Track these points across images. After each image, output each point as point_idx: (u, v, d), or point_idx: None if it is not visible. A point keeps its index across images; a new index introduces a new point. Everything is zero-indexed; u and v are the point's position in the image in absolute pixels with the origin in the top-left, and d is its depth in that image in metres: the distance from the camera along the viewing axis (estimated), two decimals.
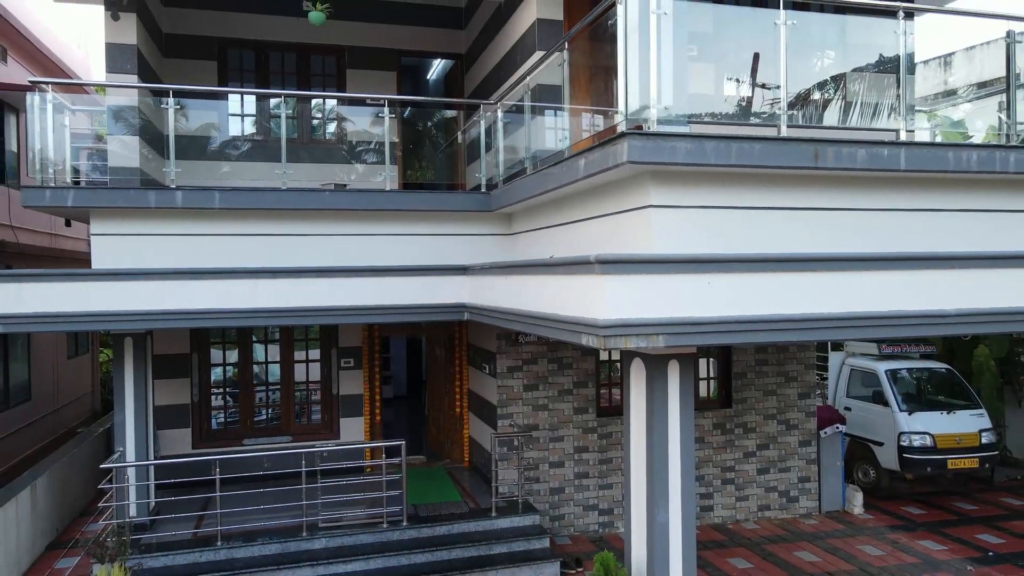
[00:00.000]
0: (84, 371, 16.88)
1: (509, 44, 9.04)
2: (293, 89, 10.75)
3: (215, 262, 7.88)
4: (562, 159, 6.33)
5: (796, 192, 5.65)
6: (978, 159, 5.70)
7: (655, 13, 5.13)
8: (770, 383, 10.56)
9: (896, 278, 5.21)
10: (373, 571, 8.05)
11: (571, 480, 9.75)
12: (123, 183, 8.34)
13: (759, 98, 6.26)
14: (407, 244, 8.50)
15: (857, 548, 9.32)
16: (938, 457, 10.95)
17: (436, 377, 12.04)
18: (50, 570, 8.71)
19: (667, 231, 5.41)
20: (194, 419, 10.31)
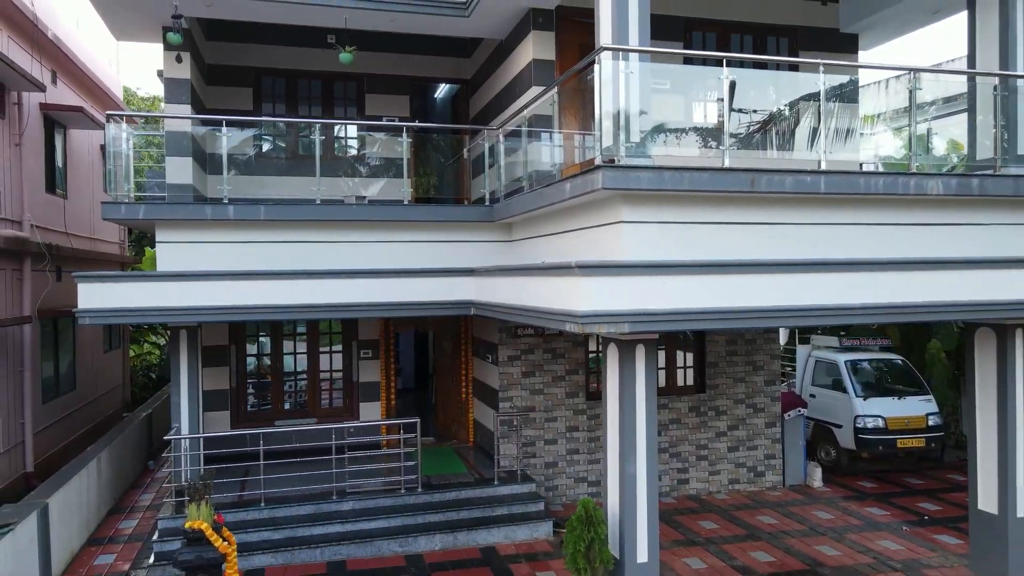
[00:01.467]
0: (116, 365, 18.29)
1: (509, 77, 10.47)
2: (318, 111, 12.18)
3: (259, 265, 9.26)
4: (553, 182, 7.76)
5: (738, 210, 7.06)
6: (883, 183, 7.13)
7: (624, 72, 6.56)
8: (739, 371, 11.97)
9: (811, 279, 6.63)
10: (393, 528, 9.47)
11: (563, 455, 11.15)
12: (179, 198, 9.78)
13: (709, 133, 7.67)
14: (422, 249, 9.90)
15: (811, 513, 10.74)
16: (889, 437, 12.37)
17: (443, 367, 13.46)
18: (114, 529, 10.14)
19: (635, 241, 6.82)
20: (232, 403, 11.74)
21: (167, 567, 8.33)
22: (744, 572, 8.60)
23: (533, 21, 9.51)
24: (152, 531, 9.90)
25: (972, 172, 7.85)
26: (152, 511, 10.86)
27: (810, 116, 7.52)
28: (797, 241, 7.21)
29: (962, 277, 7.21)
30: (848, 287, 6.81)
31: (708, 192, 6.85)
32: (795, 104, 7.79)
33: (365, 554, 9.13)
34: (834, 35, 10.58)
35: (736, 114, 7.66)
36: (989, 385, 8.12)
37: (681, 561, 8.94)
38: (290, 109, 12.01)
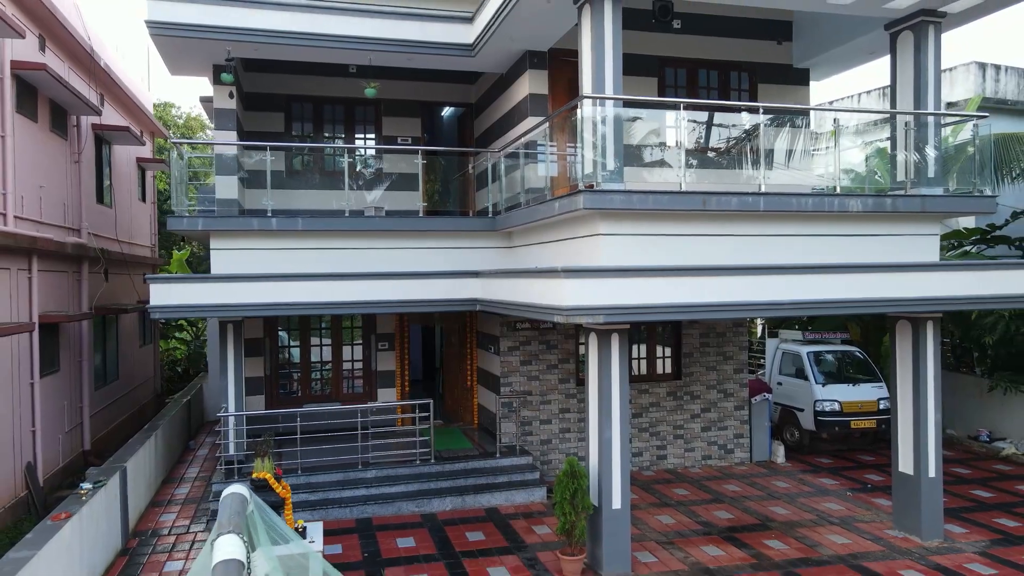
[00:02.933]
0: (149, 359, 19.97)
1: (509, 106, 12.13)
2: (341, 131, 13.84)
3: (295, 268, 10.89)
4: (545, 200, 9.43)
5: (694, 224, 8.72)
6: (812, 203, 8.80)
7: (600, 116, 8.22)
8: (711, 360, 13.62)
9: (751, 280, 8.29)
10: (410, 492, 11.13)
11: (556, 433, 12.80)
12: (226, 211, 11.44)
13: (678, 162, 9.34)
14: (434, 254, 11.55)
15: (771, 483, 12.40)
16: (844, 419, 14.03)
17: (451, 358, 15.13)
18: (170, 495, 11.81)
19: (611, 249, 8.48)
20: (267, 388, 13.40)
21: None
22: (705, 525, 10.27)
23: (529, 61, 11.17)
24: (204, 495, 11.60)
25: (889, 192, 9.52)
26: (199, 481, 12.54)
27: (758, 143, 9.19)
28: (743, 249, 8.87)
29: (880, 278, 8.87)
30: (784, 287, 8.46)
31: (668, 210, 8.52)
32: (741, 139, 9.46)
33: (387, 513, 10.79)
34: (788, 70, 12.25)
35: (696, 138, 9.34)
36: (907, 367, 9.79)
37: (654, 518, 10.59)
38: (316, 130, 13.66)
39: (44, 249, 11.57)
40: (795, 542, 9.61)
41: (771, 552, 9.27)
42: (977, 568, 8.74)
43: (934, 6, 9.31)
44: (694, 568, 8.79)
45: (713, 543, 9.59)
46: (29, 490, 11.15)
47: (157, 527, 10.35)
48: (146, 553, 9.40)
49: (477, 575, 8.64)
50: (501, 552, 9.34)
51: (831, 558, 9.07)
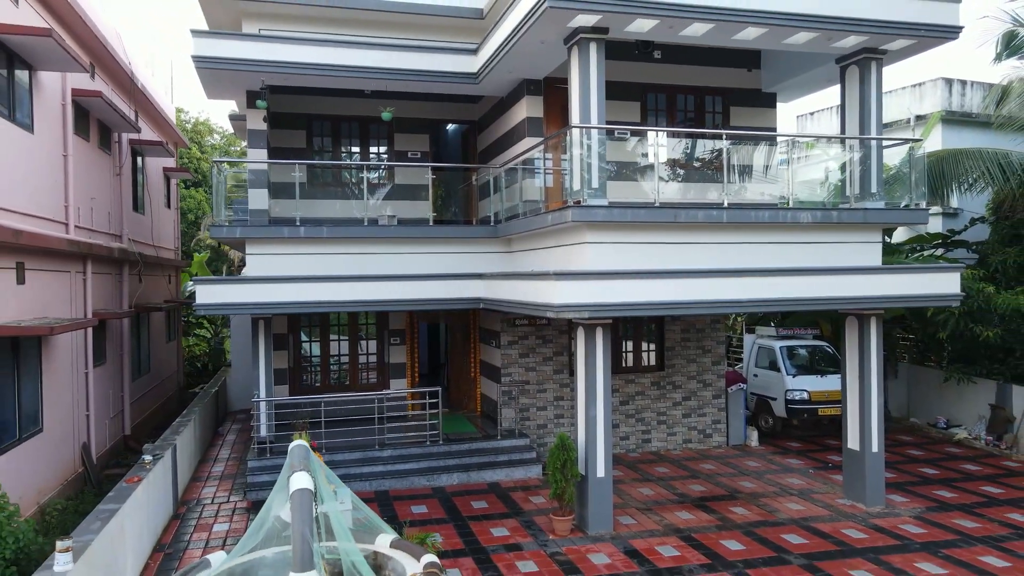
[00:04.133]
0: (173, 354, 21.45)
1: (508, 127, 13.60)
2: (357, 146, 15.29)
3: (320, 271, 12.34)
4: (539, 213, 10.91)
5: (667, 233, 10.17)
6: (768, 215, 10.28)
7: (586, 141, 9.70)
8: (691, 354, 15.08)
9: (716, 282, 9.76)
10: (422, 468, 12.60)
11: (551, 419, 14.26)
12: (257, 220, 12.91)
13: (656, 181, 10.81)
14: (442, 258, 13.01)
15: (743, 463, 13.87)
16: (812, 407, 15.50)
17: (456, 351, 16.60)
18: (208, 472, 13.28)
19: (596, 256, 9.93)
20: (290, 379, 14.87)
21: (257, 491, 11.48)
22: (681, 496, 11.74)
23: (526, 88, 12.63)
24: (237, 472, 13.08)
25: (836, 206, 11.01)
26: (232, 461, 14.01)
27: (724, 161, 10.66)
28: (710, 254, 10.34)
29: (828, 280, 10.35)
30: (744, 287, 9.94)
31: (645, 222, 10.00)
32: (711, 158, 10.93)
33: (401, 486, 12.26)
34: (757, 94, 13.71)
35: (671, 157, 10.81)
36: (854, 356, 11.26)
37: (637, 490, 12.06)
38: (335, 146, 15.12)
39: (96, 254, 13.04)
40: (757, 509, 11.08)
41: (734, 516, 10.75)
42: (908, 528, 10.22)
43: (874, 45, 10.77)
44: (667, 528, 10.26)
45: (686, 510, 11.07)
46: (85, 467, 12.62)
47: (200, 498, 11.82)
48: (194, 517, 10.88)
49: (482, 533, 10.12)
50: (502, 516, 10.82)
51: (785, 520, 10.55)
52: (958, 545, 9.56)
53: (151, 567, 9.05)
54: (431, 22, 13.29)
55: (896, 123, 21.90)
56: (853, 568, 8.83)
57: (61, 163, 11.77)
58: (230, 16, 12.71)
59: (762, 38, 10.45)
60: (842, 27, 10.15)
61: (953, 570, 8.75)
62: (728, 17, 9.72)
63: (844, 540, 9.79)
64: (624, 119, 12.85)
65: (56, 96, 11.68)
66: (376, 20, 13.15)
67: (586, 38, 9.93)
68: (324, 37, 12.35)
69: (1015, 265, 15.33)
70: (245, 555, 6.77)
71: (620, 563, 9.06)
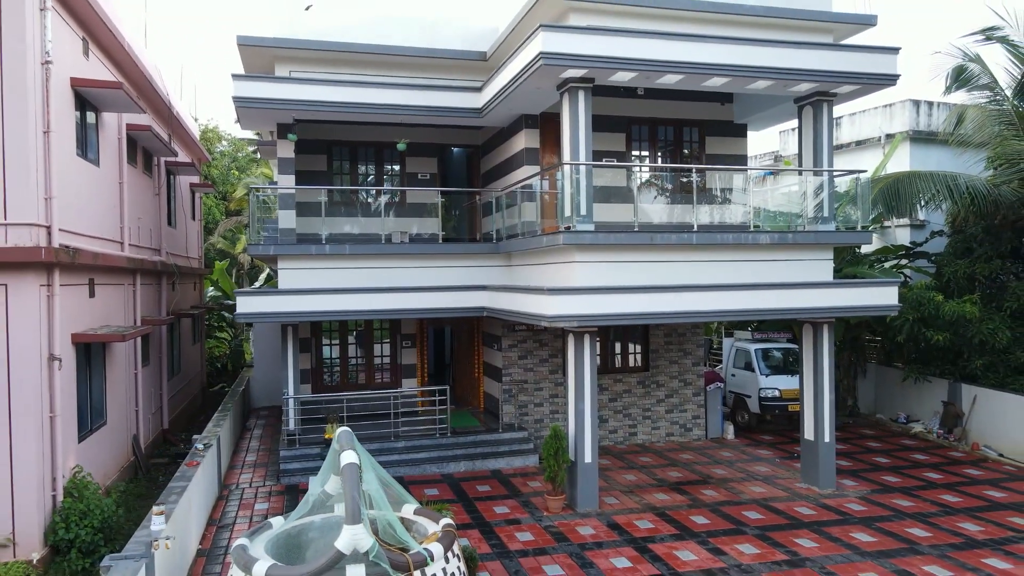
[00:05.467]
0: (197, 355, 23.14)
1: (508, 154, 15.28)
2: (372, 168, 16.96)
3: (342, 284, 13.98)
4: (536, 233, 12.58)
5: (647, 252, 11.83)
6: (732, 237, 11.96)
7: (575, 176, 11.37)
8: (674, 356, 16.75)
9: (687, 295, 11.43)
10: (432, 457, 14.27)
11: (548, 414, 15.92)
12: (286, 238, 14.58)
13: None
14: (449, 272, 14.66)
15: (718, 453, 15.55)
16: (783, 403, 17.18)
17: (461, 353, 18.28)
18: (242, 461, 14.96)
19: (584, 273, 11.59)
20: (313, 378, 16.56)
21: (289, 476, 13.17)
22: (660, 481, 13.42)
23: (525, 121, 14.30)
24: (268, 461, 14.75)
25: (791, 229, 12.70)
26: (262, 452, 15.69)
27: (696, 187, 12.34)
28: (683, 271, 11.99)
29: (785, 293, 12.01)
30: (710, 300, 11.62)
31: (626, 244, 11.67)
32: (684, 183, 12.61)
33: (415, 473, 13.94)
34: (730, 125, 15.37)
35: (651, 183, 12.49)
36: (810, 358, 12.95)
37: (621, 476, 13.74)
38: (352, 169, 16.79)
39: (143, 268, 14.72)
40: (725, 491, 12.77)
41: (704, 497, 12.43)
42: (852, 506, 11.91)
43: (825, 89, 12.46)
44: (645, 506, 11.95)
45: (663, 492, 12.75)
46: (135, 456, 14.30)
47: (239, 482, 13.51)
48: (237, 498, 12.56)
49: (486, 511, 11.80)
50: (503, 498, 12.51)
51: (748, 501, 12.24)
52: (891, 520, 11.25)
53: (207, 537, 10.73)
54: (440, 63, 14.95)
55: (868, 140, 23.61)
56: (798, 537, 10.52)
57: (117, 190, 13.44)
58: (264, 60, 14.38)
59: (727, 84, 12.13)
60: (795, 77, 11.84)
61: (881, 538, 10.44)
62: (695, 70, 11.41)
63: (795, 516, 11.48)
64: (611, 149, 14.54)
65: (114, 132, 13.36)
66: (391, 62, 14.81)
67: (575, 86, 11.61)
68: (347, 78, 14.04)
69: (965, 275, 17.01)
70: (298, 520, 8.50)
71: (603, 533, 10.75)
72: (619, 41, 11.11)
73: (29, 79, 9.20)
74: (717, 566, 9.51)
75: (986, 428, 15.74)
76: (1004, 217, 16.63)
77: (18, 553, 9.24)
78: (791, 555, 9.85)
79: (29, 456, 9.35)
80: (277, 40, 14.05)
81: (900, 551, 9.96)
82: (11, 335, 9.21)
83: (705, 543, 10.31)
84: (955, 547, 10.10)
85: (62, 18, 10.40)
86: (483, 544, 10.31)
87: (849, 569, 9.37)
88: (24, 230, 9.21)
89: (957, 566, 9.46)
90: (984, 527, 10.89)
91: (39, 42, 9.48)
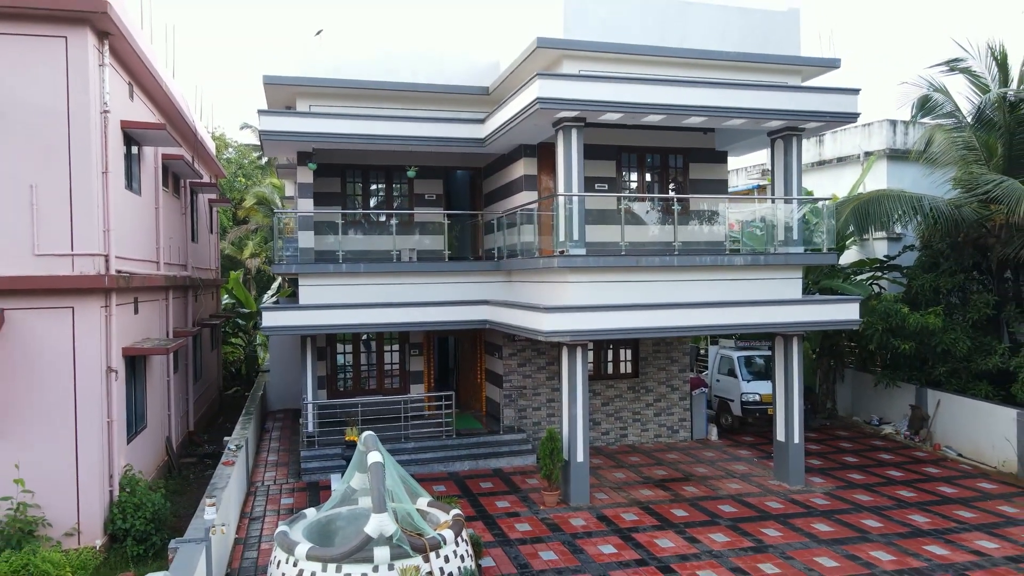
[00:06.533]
0: (215, 361, 24.50)
1: (508, 179, 16.66)
2: (383, 188, 18.34)
3: (357, 299, 15.35)
4: (533, 256, 13.96)
5: (633, 273, 13.20)
6: (709, 259, 13.34)
7: (569, 205, 12.75)
8: (661, 363, 18.13)
9: (670, 312, 12.80)
10: (439, 457, 15.64)
11: (544, 418, 17.29)
12: (305, 257, 15.96)
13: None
14: (454, 288, 16.03)
15: (701, 453, 16.93)
16: (763, 406, 18.55)
17: (465, 361, 19.66)
18: (264, 461, 16.34)
19: (577, 292, 12.96)
20: (328, 384, 17.94)
21: (309, 475, 14.55)
22: (646, 478, 14.79)
23: (523, 151, 15.68)
24: (289, 461, 16.13)
25: (763, 251, 14.08)
26: (282, 452, 17.06)
27: (679, 210, 13.72)
28: (667, 289, 13.36)
29: (758, 309, 13.39)
30: (690, 316, 12.99)
31: (614, 267, 13.05)
32: (668, 207, 13.99)
33: (423, 471, 15.30)
34: (712, 152, 16.74)
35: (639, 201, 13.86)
36: (781, 368, 14.33)
37: (612, 474, 15.11)
38: (364, 190, 18.17)
39: (175, 284, 16.10)
40: (704, 487, 14.15)
41: (685, 493, 13.81)
42: (817, 501, 13.29)
43: (794, 125, 13.83)
44: (631, 501, 13.33)
45: (648, 488, 14.13)
46: (168, 456, 15.68)
47: (264, 480, 14.89)
48: (263, 494, 13.94)
49: (489, 505, 13.18)
50: (504, 493, 13.88)
51: (724, 496, 13.62)
52: (849, 513, 12.63)
53: (242, 527, 12.11)
54: (446, 97, 16.33)
55: (849, 157, 24.97)
56: (765, 527, 11.90)
57: (154, 214, 14.82)
58: (287, 94, 15.77)
59: (706, 122, 13.51)
60: (766, 116, 13.22)
61: (838, 528, 11.82)
62: (675, 111, 12.79)
63: (765, 509, 12.86)
64: (603, 175, 15.92)
65: (151, 162, 14.74)
66: (401, 96, 16.19)
67: (568, 124, 12.98)
68: (361, 112, 15.42)
69: (931, 288, 18.38)
70: (328, 511, 9.89)
71: (592, 525, 12.13)
72: (607, 86, 12.48)
73: (92, 129, 10.58)
74: (691, 552, 10.89)
75: (948, 430, 17.12)
76: (966, 235, 18.00)
77: (82, 540, 10.62)
78: (757, 543, 11.23)
79: (92, 457, 10.73)
80: (298, 79, 15.45)
81: (853, 539, 11.35)
82: (77, 351, 10.58)
83: (682, 532, 11.69)
84: (902, 536, 11.49)
85: (114, 68, 11.77)
86: (486, 534, 11.69)
87: (805, 554, 10.76)
88: (87, 260, 10.59)
89: (900, 551, 10.84)
90: (931, 519, 12.27)
91: (99, 95, 10.85)
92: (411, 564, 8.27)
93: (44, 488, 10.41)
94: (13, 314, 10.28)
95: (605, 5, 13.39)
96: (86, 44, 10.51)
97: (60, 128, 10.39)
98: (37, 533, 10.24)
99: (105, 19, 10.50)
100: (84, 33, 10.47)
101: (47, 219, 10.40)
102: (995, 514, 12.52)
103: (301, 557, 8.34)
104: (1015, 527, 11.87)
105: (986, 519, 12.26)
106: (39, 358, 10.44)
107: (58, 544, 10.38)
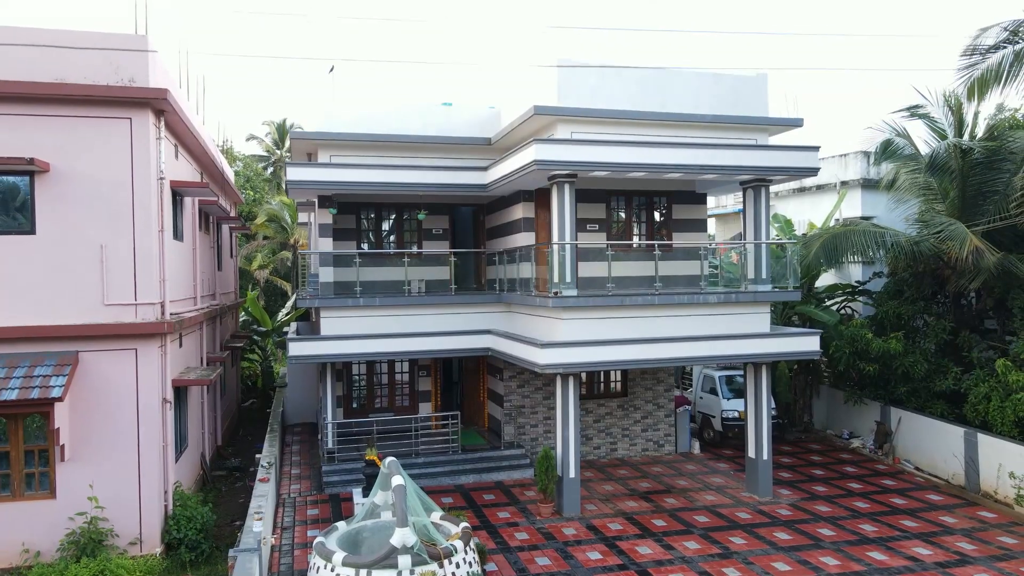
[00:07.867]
0: (234, 376, 26.24)
1: (508, 219, 18.42)
2: (394, 224, 20.09)
3: (371, 330, 17.09)
4: (531, 293, 15.73)
5: (619, 311, 14.94)
6: (687, 298, 15.10)
7: (562, 251, 14.50)
8: (648, 383, 19.88)
9: (652, 346, 14.55)
10: (446, 470, 17.39)
11: (542, 434, 19.04)
12: (325, 290, 17.70)
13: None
14: (459, 318, 17.77)
15: (683, 466, 18.68)
16: (741, 423, 20.23)
17: (469, 382, 21.43)
18: (288, 474, 18.07)
19: (569, 329, 14.70)
20: (344, 403, 19.70)
21: (331, 488, 16.31)
22: (632, 491, 16.54)
23: (522, 196, 17.44)
24: (311, 474, 17.89)
25: (735, 290, 15.85)
26: (304, 466, 18.80)
27: (655, 261, 15.49)
28: (650, 324, 15.11)
29: (730, 343, 15.14)
30: (669, 349, 14.75)
31: (603, 305, 14.80)
32: (651, 244, 15.75)
33: (432, 484, 17.05)
34: (693, 194, 18.50)
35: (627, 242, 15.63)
36: (752, 392, 16.09)
37: (601, 486, 16.87)
38: (377, 226, 19.92)
39: (207, 315, 17.86)
40: (683, 499, 15.91)
41: (666, 504, 15.57)
42: (781, 512, 15.05)
43: (763, 176, 15.59)
44: (617, 512, 15.08)
45: (633, 500, 15.88)
46: (203, 471, 17.44)
47: (290, 493, 16.64)
48: (291, 505, 15.69)
49: (491, 515, 14.94)
50: (505, 504, 15.64)
51: (700, 506, 15.38)
52: (808, 523, 14.39)
53: (277, 536, 13.86)
54: (452, 147, 18.11)
55: (827, 185, 26.72)
56: (733, 536, 13.66)
57: (192, 255, 16.58)
58: (310, 146, 17.56)
59: (683, 176, 15.28)
60: (736, 171, 15.00)
61: (796, 536, 13.58)
62: (656, 169, 14.56)
63: (735, 520, 14.62)
64: (594, 216, 17.69)
65: (190, 209, 16.50)
66: (412, 146, 17.96)
67: (561, 180, 14.74)
68: (376, 162, 17.19)
69: (895, 314, 20.13)
70: (355, 524, 11.64)
71: (582, 534, 13.89)
72: (596, 149, 14.26)
73: (151, 194, 12.34)
74: (666, 557, 12.65)
75: (908, 445, 18.88)
76: (926, 266, 19.76)
77: (143, 549, 12.37)
78: (724, 550, 12.99)
79: (152, 476, 12.48)
80: (319, 133, 17.24)
81: (807, 546, 13.11)
82: (139, 386, 12.34)
83: (660, 540, 13.45)
84: (850, 543, 13.25)
85: (167, 138, 13.52)
86: (490, 541, 13.44)
87: (764, 559, 12.52)
88: (148, 308, 12.35)
89: (845, 557, 12.60)
90: (878, 528, 14.03)
91: (156, 164, 12.60)
92: (428, 570, 10.02)
93: (112, 504, 12.17)
94: (87, 355, 12.04)
95: (594, 75, 15.15)
96: (148, 123, 12.27)
97: (125, 195, 12.15)
98: (106, 543, 11.99)
99: (163, 102, 12.25)
100: (146, 114, 12.23)
101: (114, 274, 12.16)
102: (936, 524, 14.29)
103: (338, 564, 10.09)
104: (950, 536, 13.63)
105: (926, 528, 14.03)
106: (107, 393, 12.20)
107: (124, 552, 12.13)
